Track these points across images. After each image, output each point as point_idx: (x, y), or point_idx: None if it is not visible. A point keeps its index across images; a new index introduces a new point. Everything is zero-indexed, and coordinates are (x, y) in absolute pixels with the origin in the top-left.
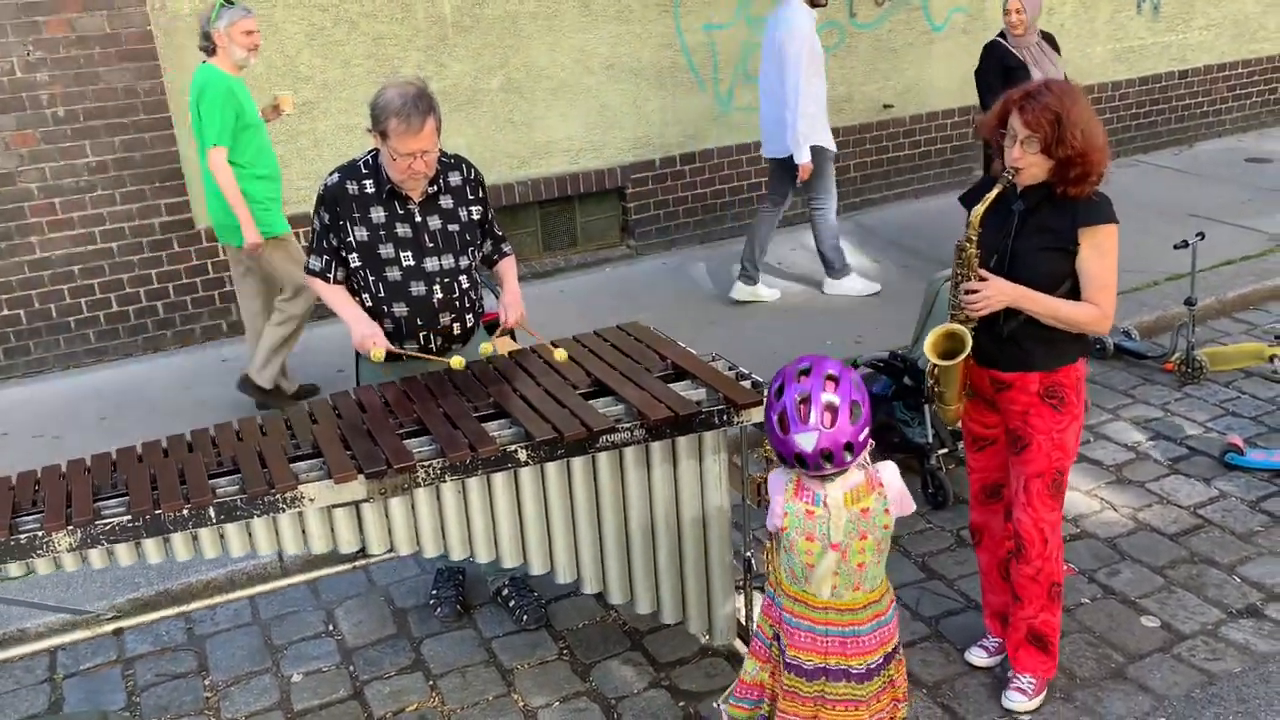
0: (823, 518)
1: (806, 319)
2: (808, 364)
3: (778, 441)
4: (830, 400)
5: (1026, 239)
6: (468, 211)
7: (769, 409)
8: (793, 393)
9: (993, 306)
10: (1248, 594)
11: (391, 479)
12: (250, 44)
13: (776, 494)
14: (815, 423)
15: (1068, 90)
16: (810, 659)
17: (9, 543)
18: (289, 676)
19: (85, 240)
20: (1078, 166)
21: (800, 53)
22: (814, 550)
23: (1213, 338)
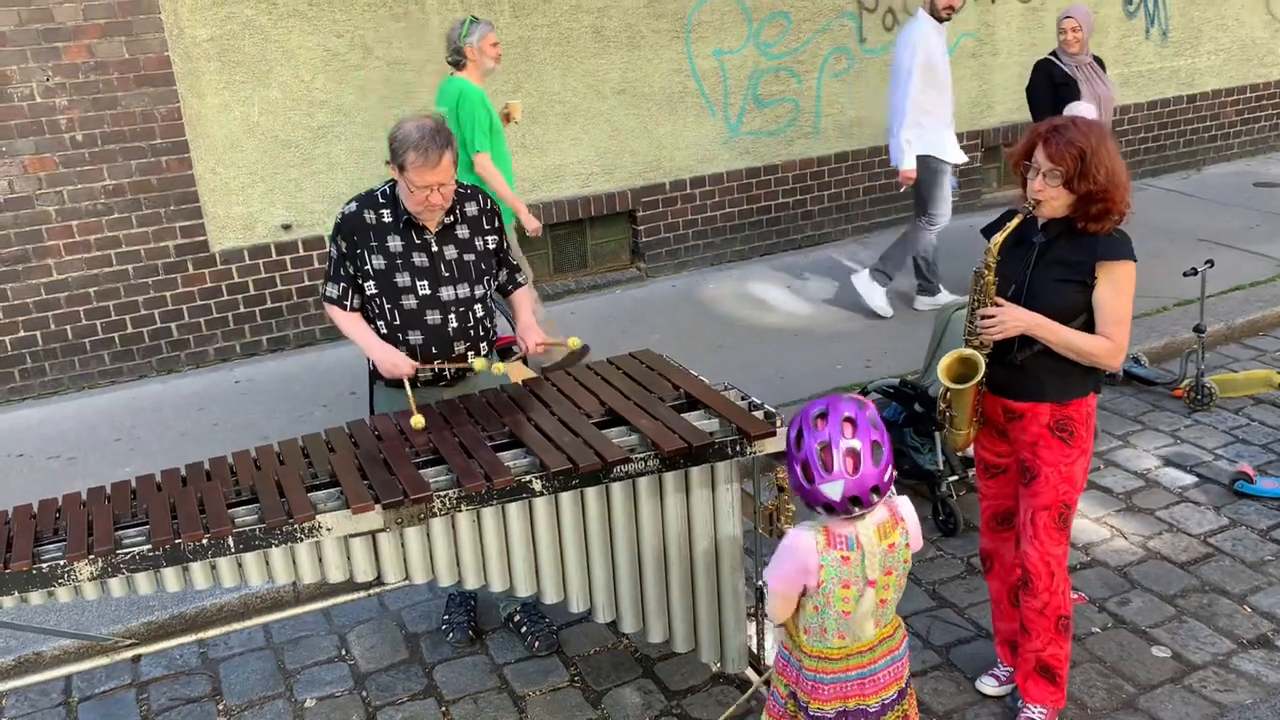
0: (857, 559)
1: (816, 343)
2: (823, 407)
3: (804, 492)
4: (851, 446)
5: (1045, 270)
6: (484, 241)
7: (790, 459)
8: (812, 441)
9: (1008, 331)
10: (1259, 624)
11: (408, 509)
12: (496, 55)
13: (808, 554)
14: (839, 470)
15: (1095, 128)
16: (833, 705)
17: (32, 572)
18: (302, 701)
19: (101, 263)
20: (1099, 203)
21: (912, 64)
22: (851, 596)
23: (1222, 364)
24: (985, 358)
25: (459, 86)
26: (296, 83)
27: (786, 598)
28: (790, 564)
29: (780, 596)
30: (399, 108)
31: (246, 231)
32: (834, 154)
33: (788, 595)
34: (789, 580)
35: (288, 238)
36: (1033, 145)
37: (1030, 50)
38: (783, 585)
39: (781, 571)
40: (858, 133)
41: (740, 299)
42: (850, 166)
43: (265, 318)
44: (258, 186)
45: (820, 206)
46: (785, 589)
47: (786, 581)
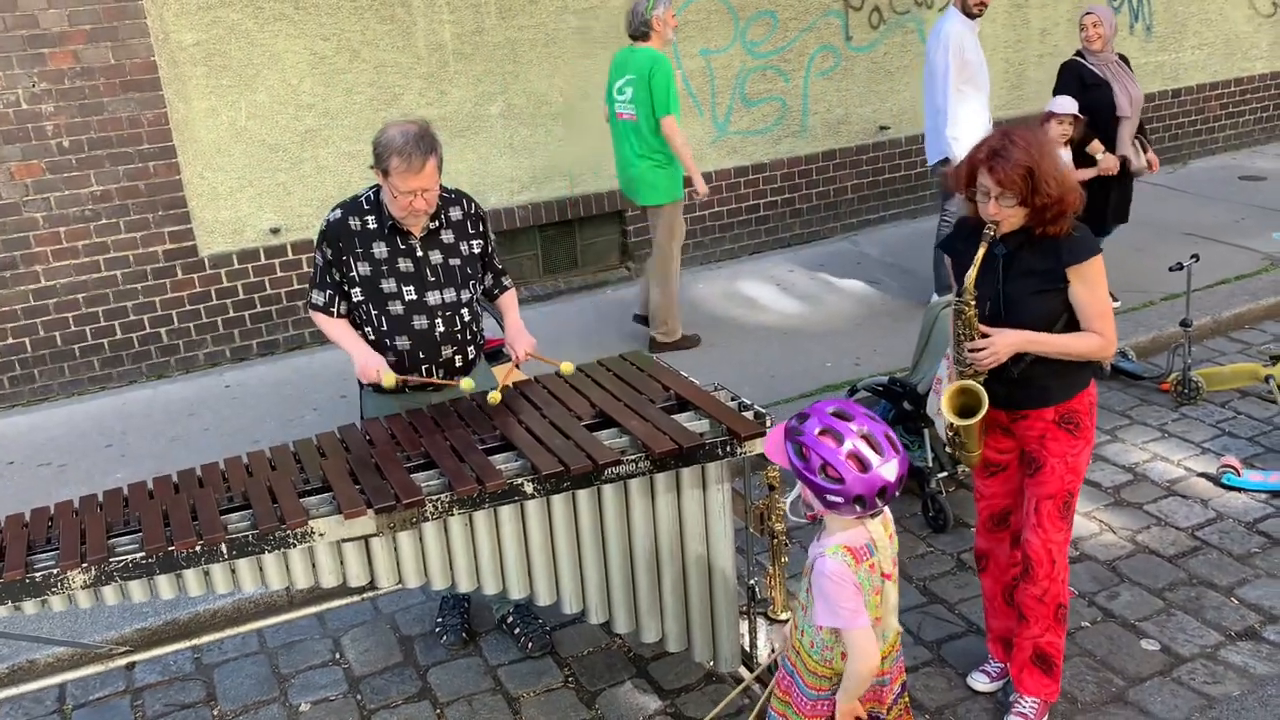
0: (877, 561)
1: (806, 342)
2: (835, 406)
3: (858, 482)
4: (885, 431)
5: (1016, 283)
6: (469, 245)
7: (825, 457)
8: (852, 434)
9: (1000, 359)
10: (1246, 616)
11: (400, 513)
12: (674, 25)
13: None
14: (890, 452)
15: (1033, 140)
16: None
17: (25, 581)
18: (297, 706)
19: (90, 269)
20: (1053, 209)
21: (947, 61)
22: (878, 600)
23: (1209, 357)
24: (982, 382)
25: (650, 55)
26: (283, 86)
27: (870, 630)
28: (847, 596)
29: (866, 633)
30: (387, 111)
31: (235, 236)
32: (821, 152)
33: (869, 627)
34: (860, 612)
35: (276, 241)
36: (974, 171)
37: (1015, 47)
38: (861, 619)
39: (852, 605)
40: (845, 130)
41: (729, 298)
42: (838, 165)
43: (255, 322)
44: (246, 191)
45: (809, 205)
46: (864, 622)
47: (860, 615)
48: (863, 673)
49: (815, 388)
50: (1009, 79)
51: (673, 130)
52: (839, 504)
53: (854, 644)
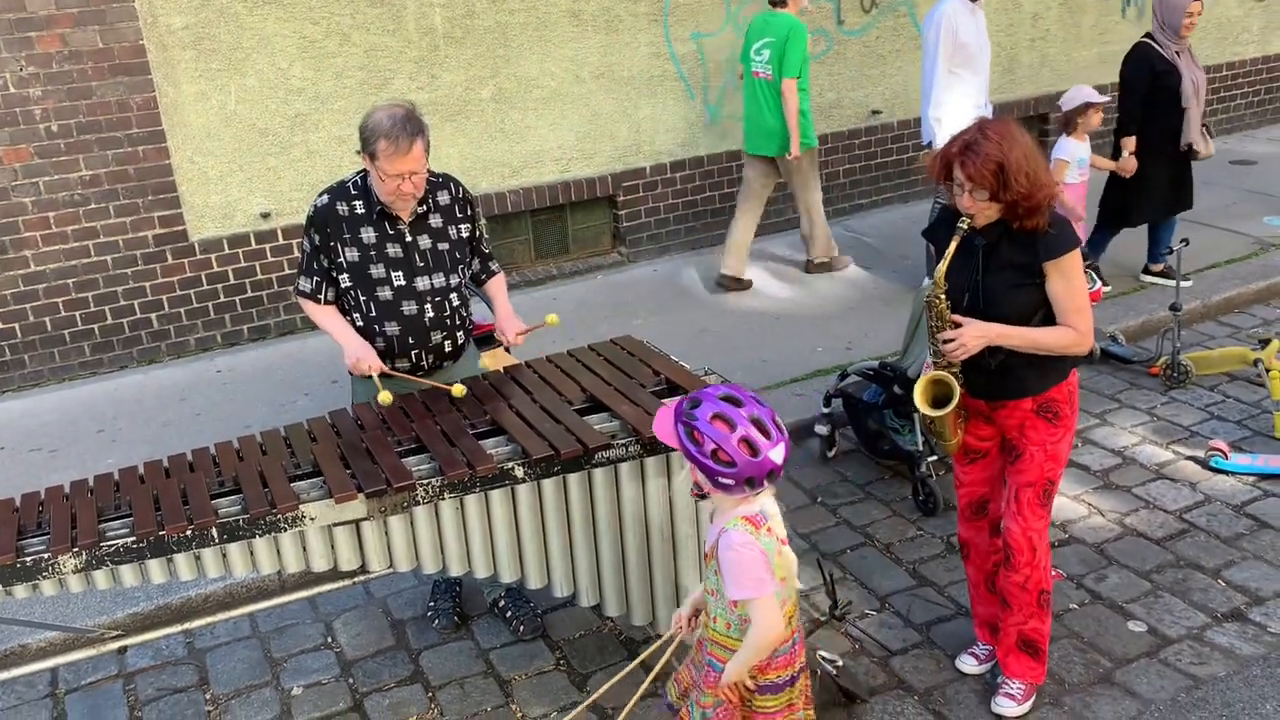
0: (775, 527)
1: (797, 326)
2: (725, 392)
3: (749, 466)
4: (772, 415)
5: (994, 276)
6: (457, 230)
7: (717, 442)
8: (742, 419)
9: (971, 350)
10: (1232, 598)
11: (391, 498)
12: None
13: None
14: (777, 436)
15: (1005, 133)
16: (785, 673)
17: (15, 566)
18: (289, 689)
19: (79, 254)
20: (1024, 205)
21: (938, 43)
22: (781, 563)
23: (1198, 341)
24: (956, 374)
25: (789, 20)
26: (273, 70)
27: (773, 597)
28: (757, 563)
29: (772, 601)
30: (377, 95)
31: (225, 220)
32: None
33: (773, 595)
34: (766, 580)
35: (267, 226)
36: (949, 164)
37: (1007, 31)
38: (767, 587)
39: (757, 574)
40: (837, 115)
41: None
42: (830, 149)
43: (246, 307)
44: (236, 175)
45: None
46: (770, 589)
47: (766, 582)
48: (769, 638)
49: (806, 372)
50: (1000, 63)
51: (791, 93)
52: (730, 485)
53: (761, 611)
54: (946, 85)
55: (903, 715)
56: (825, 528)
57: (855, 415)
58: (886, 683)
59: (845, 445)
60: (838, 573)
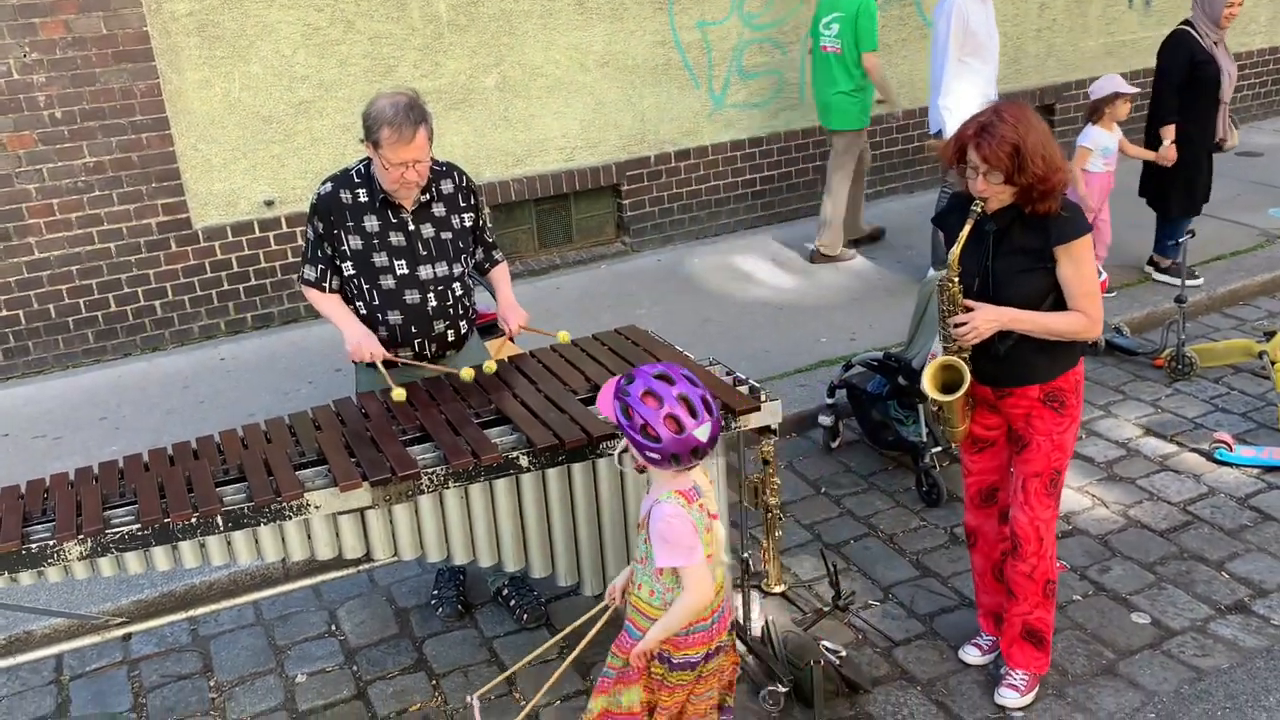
0: (705, 502)
1: (801, 317)
2: (659, 369)
3: (674, 443)
4: (701, 394)
5: (1005, 261)
6: (460, 219)
7: (644, 417)
8: (670, 396)
9: (983, 335)
10: (1236, 590)
11: (396, 486)
12: None
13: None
14: (704, 415)
15: (1021, 116)
16: (699, 650)
17: (21, 552)
18: (293, 677)
19: (83, 241)
20: (1039, 189)
21: (947, 33)
22: (710, 540)
23: (1203, 333)
24: (967, 359)
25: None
26: (277, 58)
27: (705, 566)
28: (688, 532)
29: (702, 569)
30: (381, 83)
31: (229, 208)
32: (819, 126)
33: (704, 564)
34: (696, 548)
35: (271, 214)
36: (963, 147)
37: (1013, 21)
38: (697, 555)
39: (688, 543)
40: None
41: (725, 273)
42: None
43: (249, 295)
44: (240, 163)
45: (805, 179)
46: (700, 558)
47: (696, 550)
48: (696, 605)
49: (810, 362)
50: (1007, 53)
51: (873, 65)
52: (657, 460)
53: (691, 578)
54: (956, 74)
55: (906, 706)
56: (829, 518)
57: (859, 406)
58: (890, 673)
59: (849, 436)
60: (841, 563)
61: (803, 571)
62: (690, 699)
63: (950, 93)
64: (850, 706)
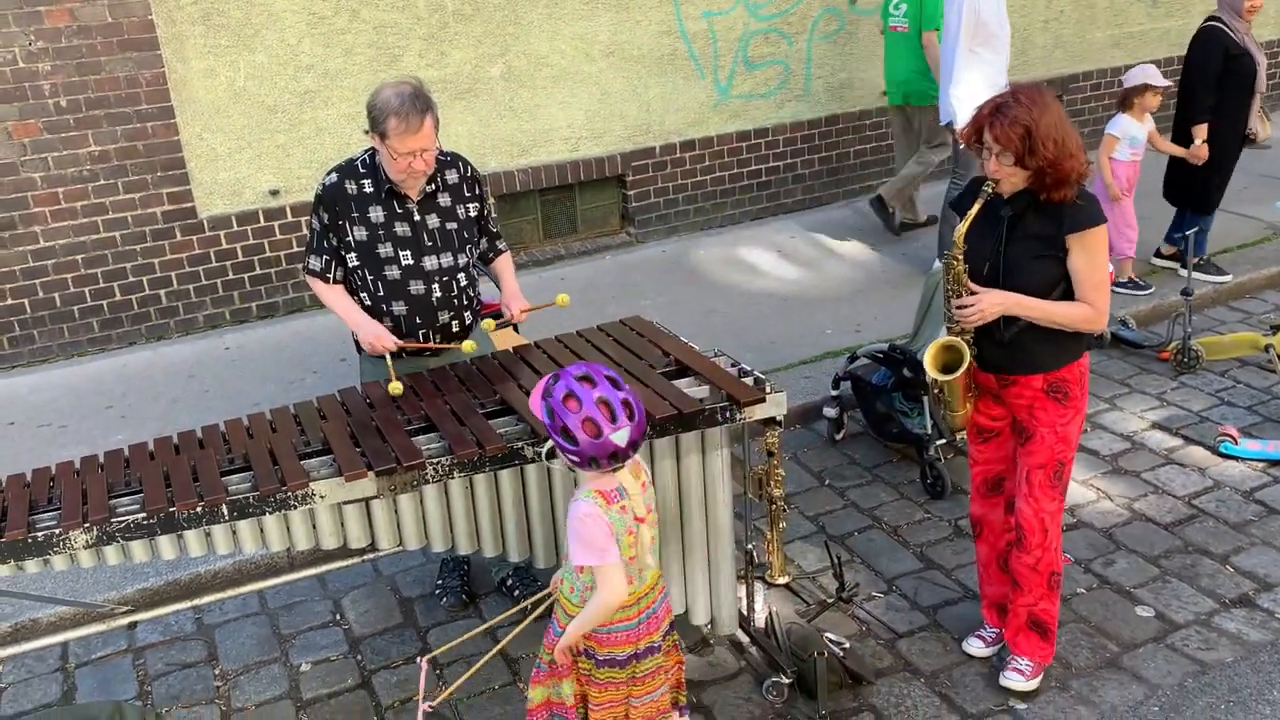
0: (629, 504)
1: (806, 308)
2: (583, 371)
3: (591, 446)
4: (623, 398)
5: (1017, 246)
6: (465, 209)
7: (563, 420)
8: (590, 399)
9: (986, 317)
10: (1240, 584)
11: (401, 476)
12: None
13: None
14: (623, 420)
15: (1037, 99)
16: (624, 649)
17: (28, 541)
18: (298, 666)
19: (89, 230)
20: (1051, 174)
21: (959, 22)
22: (631, 540)
23: (1209, 326)
24: (970, 341)
25: None
26: (282, 47)
27: (619, 567)
28: (600, 533)
29: (615, 569)
30: (386, 72)
31: (234, 197)
32: (824, 117)
33: (618, 564)
34: (609, 549)
35: (275, 204)
36: (980, 127)
37: (1020, 11)
38: (610, 556)
39: (600, 545)
40: (848, 95)
41: (730, 264)
42: (841, 130)
43: (254, 284)
44: (245, 152)
45: (811, 170)
46: (614, 558)
47: (609, 551)
48: (609, 604)
49: (816, 354)
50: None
51: (930, 43)
52: (576, 462)
53: (604, 578)
54: (966, 64)
55: (909, 697)
56: (833, 510)
57: (864, 398)
58: (893, 665)
59: (853, 428)
60: (845, 555)
61: (806, 563)
62: (631, 701)
63: (960, 83)
64: (854, 698)
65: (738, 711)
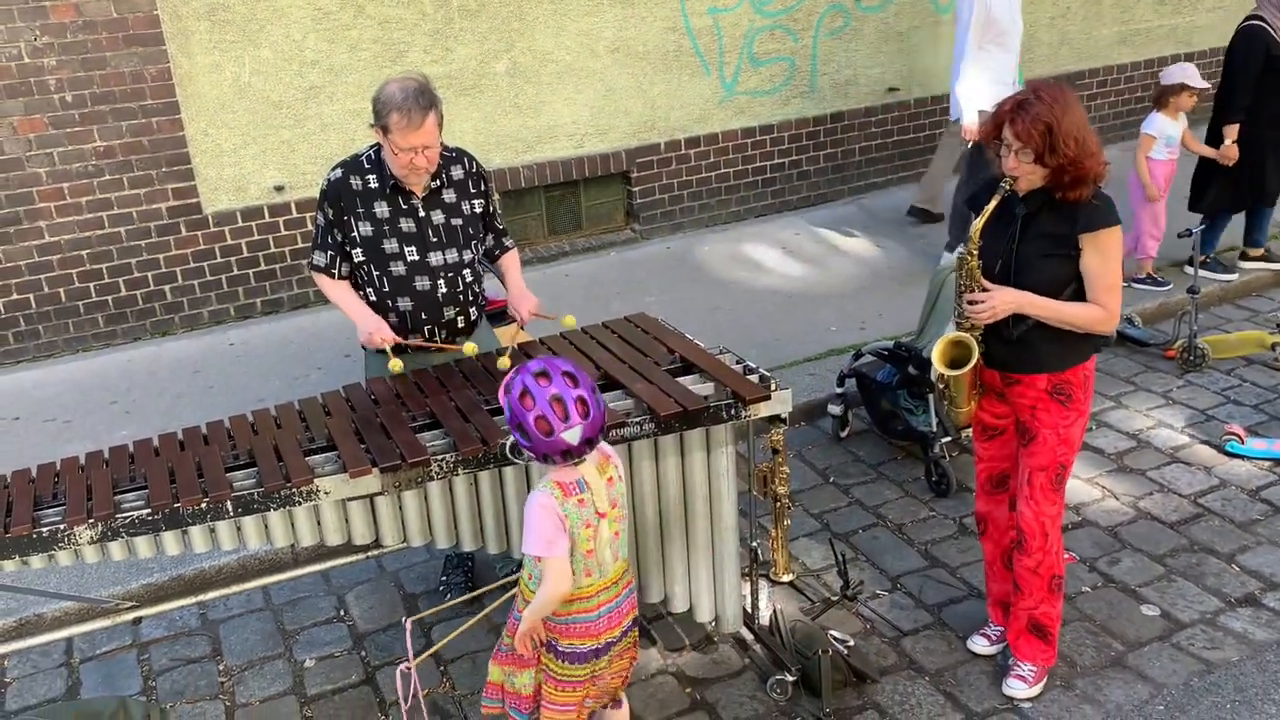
0: (589, 497)
1: (811, 305)
2: (540, 366)
3: (542, 444)
4: (579, 395)
5: (1030, 245)
6: (470, 205)
7: (518, 418)
8: (543, 396)
9: (997, 315)
10: (1246, 583)
11: (405, 473)
12: None
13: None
14: (575, 418)
15: (1059, 98)
16: (586, 643)
17: (32, 536)
18: (302, 661)
19: (93, 225)
20: (1070, 173)
21: (969, 18)
22: (589, 534)
23: (1215, 324)
24: (978, 337)
25: None
26: (287, 42)
27: (564, 559)
28: (550, 526)
29: (560, 562)
30: (391, 68)
31: (239, 193)
32: (830, 114)
33: (564, 556)
34: (557, 541)
35: (280, 199)
36: (1000, 123)
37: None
38: (557, 549)
39: (548, 537)
40: (854, 92)
41: (735, 261)
42: (846, 126)
43: (259, 280)
44: (250, 148)
45: (816, 167)
46: (560, 551)
47: (556, 544)
48: (553, 595)
49: (820, 351)
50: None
51: None
52: (533, 457)
53: (549, 570)
54: (975, 61)
55: (914, 696)
56: (837, 508)
57: (869, 395)
58: (898, 663)
59: (858, 425)
60: (849, 553)
61: (811, 561)
62: (586, 703)
63: (967, 79)
64: (858, 696)
65: (741, 709)
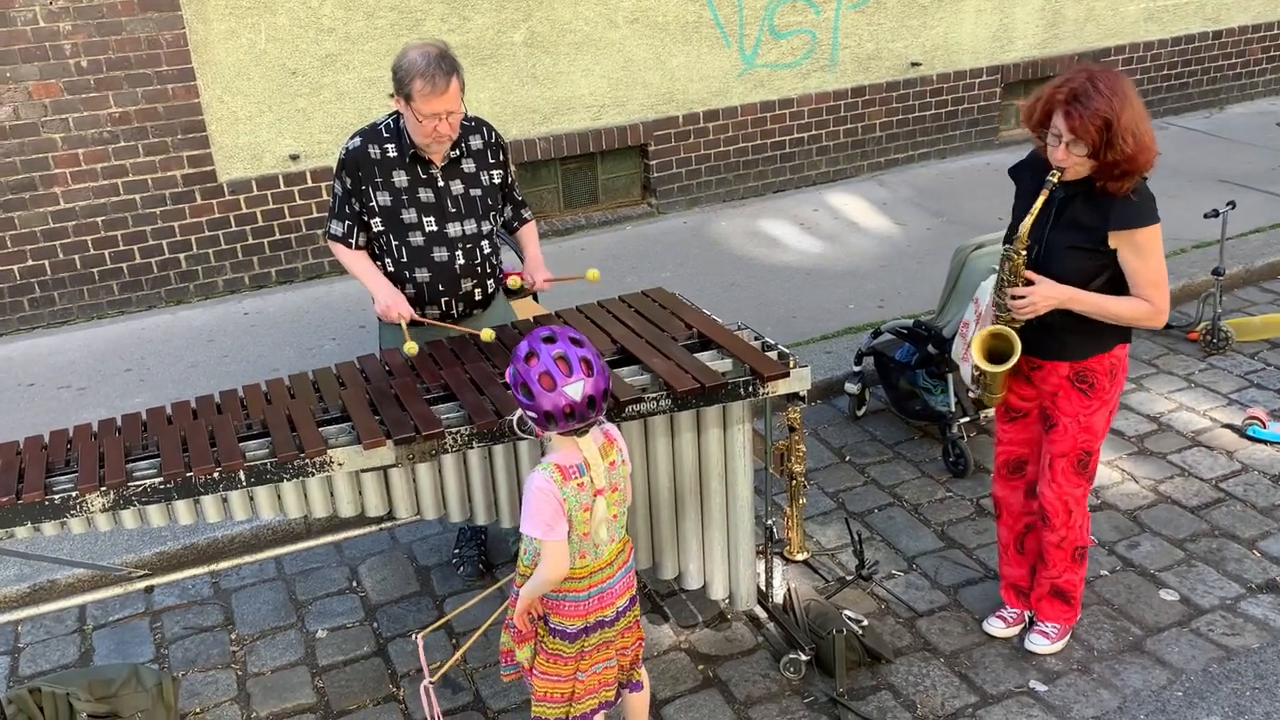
0: (588, 481)
1: (829, 282)
2: (548, 333)
3: (545, 400)
4: (583, 355)
5: (1059, 233)
6: (489, 175)
7: (524, 376)
8: (548, 354)
9: (1039, 311)
10: (1268, 569)
11: (420, 445)
12: None
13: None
14: (579, 372)
15: (1117, 88)
16: (575, 622)
17: (44, 503)
18: (314, 632)
19: (109, 192)
20: (1122, 167)
21: None
22: (586, 517)
23: (1239, 307)
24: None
25: None
26: (304, 9)
27: (563, 543)
28: (549, 509)
29: (559, 545)
30: (408, 36)
31: (254, 161)
32: (851, 88)
33: (563, 540)
34: (556, 525)
35: (296, 168)
36: (1050, 111)
37: None
38: (556, 532)
39: (547, 519)
40: (876, 66)
41: (753, 236)
42: (867, 101)
43: (273, 249)
44: (265, 116)
45: (836, 142)
46: (559, 535)
47: (556, 527)
48: (550, 577)
49: (838, 328)
50: (1045, 17)
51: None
52: (534, 419)
53: (546, 553)
54: None
55: (928, 677)
56: (853, 487)
57: (886, 374)
58: (912, 644)
59: (875, 404)
60: (865, 532)
61: (826, 540)
62: (578, 676)
63: None
64: (872, 676)
65: (754, 687)
